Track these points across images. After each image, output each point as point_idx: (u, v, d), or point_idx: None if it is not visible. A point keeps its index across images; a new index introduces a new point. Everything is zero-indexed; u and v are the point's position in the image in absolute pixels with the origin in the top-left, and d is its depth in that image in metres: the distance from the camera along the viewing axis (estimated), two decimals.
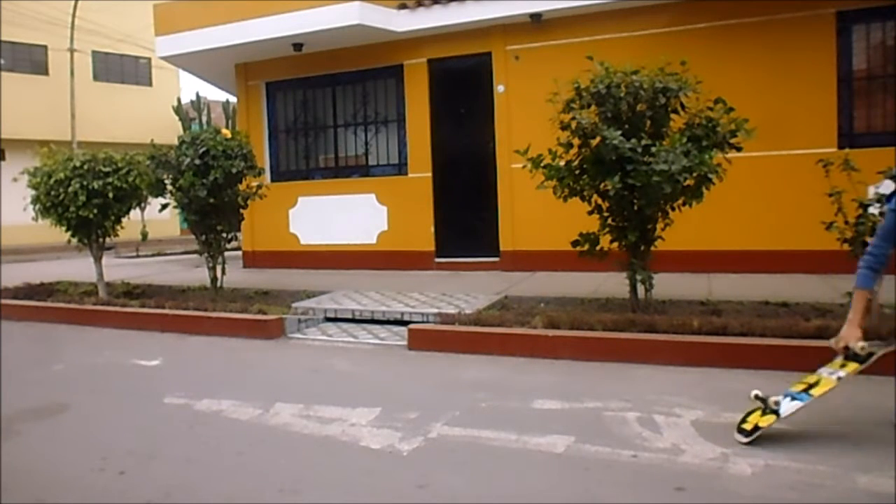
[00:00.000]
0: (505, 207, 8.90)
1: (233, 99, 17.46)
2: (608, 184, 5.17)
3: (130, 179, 7.60)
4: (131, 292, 8.14)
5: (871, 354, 3.39)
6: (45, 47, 23.31)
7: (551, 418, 3.76)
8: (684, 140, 5.15)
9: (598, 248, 5.67)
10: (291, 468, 3.25)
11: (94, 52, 24.46)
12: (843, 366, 3.48)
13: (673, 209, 5.49)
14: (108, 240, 8.18)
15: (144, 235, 17.47)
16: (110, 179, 7.53)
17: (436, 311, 6.16)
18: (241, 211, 7.67)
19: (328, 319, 6.73)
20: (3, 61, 22.06)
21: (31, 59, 23.30)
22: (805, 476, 2.91)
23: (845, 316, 4.97)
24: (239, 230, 9.99)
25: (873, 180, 4.97)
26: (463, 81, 9.31)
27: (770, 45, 7.62)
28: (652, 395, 4.07)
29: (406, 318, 6.24)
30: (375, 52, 9.61)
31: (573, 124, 5.33)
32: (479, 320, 5.62)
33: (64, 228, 7.87)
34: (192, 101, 24.75)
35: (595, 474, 3.04)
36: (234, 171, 7.16)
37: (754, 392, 3.47)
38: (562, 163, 5.53)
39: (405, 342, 5.64)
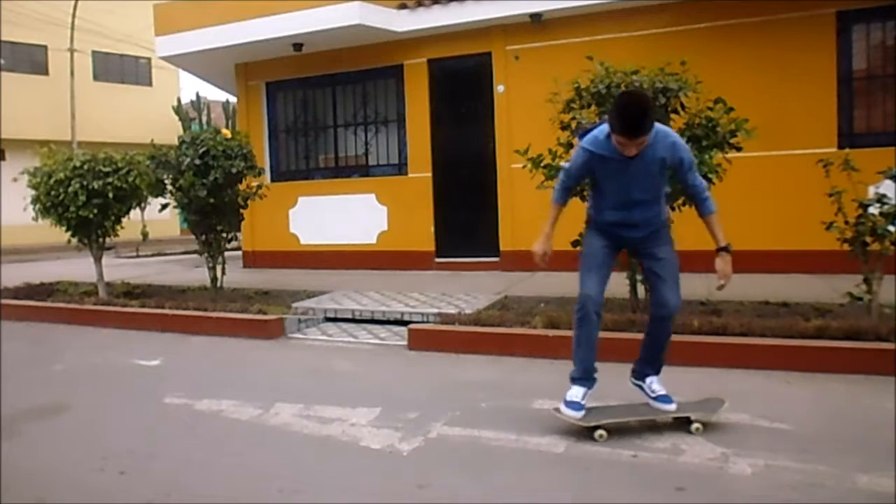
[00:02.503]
0: (505, 207, 8.90)
1: (233, 99, 17.46)
2: None
3: (130, 179, 7.60)
4: (131, 292, 8.13)
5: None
6: (45, 47, 23.32)
7: (551, 418, 3.76)
8: (684, 140, 5.14)
9: None
10: (291, 468, 3.25)
11: (94, 52, 24.46)
12: None
13: (673, 209, 5.48)
14: (108, 240, 8.18)
15: (144, 235, 17.49)
16: (110, 179, 7.52)
17: (436, 311, 6.16)
18: (241, 211, 7.67)
19: (328, 319, 6.73)
20: (3, 61, 22.07)
21: (31, 59, 23.30)
22: (805, 476, 2.91)
23: (845, 316, 5.03)
24: (239, 230, 9.98)
25: (873, 180, 4.98)
26: (463, 81, 9.31)
27: (770, 45, 7.62)
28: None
29: (406, 318, 6.24)
30: (375, 52, 9.62)
31: (573, 124, 5.33)
32: (479, 320, 5.61)
33: (64, 228, 7.87)
34: (192, 101, 24.76)
35: (595, 474, 3.04)
36: (234, 171, 7.16)
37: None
38: (562, 163, 5.53)
39: (405, 342, 5.64)
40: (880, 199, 4.83)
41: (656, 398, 3.54)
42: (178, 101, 24.58)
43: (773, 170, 7.53)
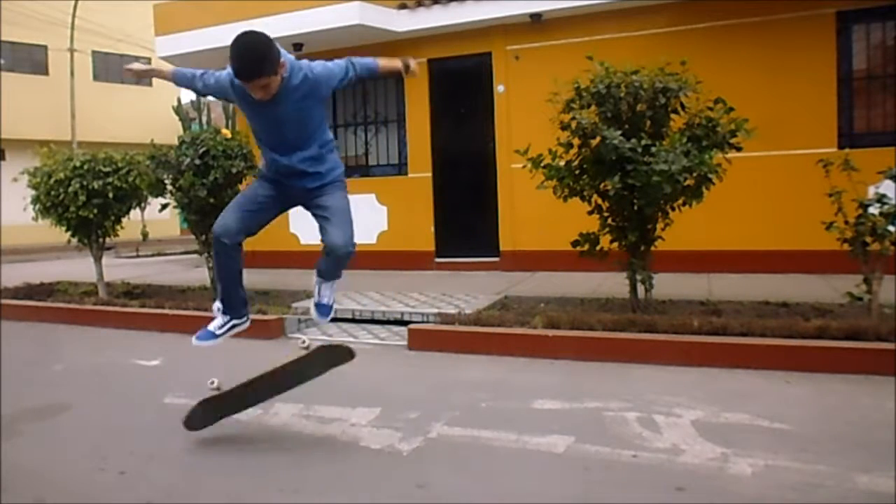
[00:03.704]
0: (505, 207, 8.90)
1: None
2: (608, 184, 5.17)
3: (130, 179, 7.60)
4: (131, 292, 8.14)
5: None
6: (45, 47, 23.32)
7: (551, 418, 3.76)
8: (684, 140, 5.15)
9: (598, 248, 5.67)
10: (291, 468, 3.25)
11: (94, 52, 24.46)
12: None
13: (673, 209, 5.49)
14: (108, 240, 8.18)
15: (144, 235, 17.46)
16: (110, 179, 7.53)
17: (436, 311, 6.16)
18: None
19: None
20: (3, 61, 22.06)
21: (31, 59, 23.30)
22: (805, 476, 2.91)
23: (845, 316, 5.04)
24: None
25: (873, 180, 4.98)
26: (463, 81, 9.31)
27: (770, 45, 7.62)
28: (652, 395, 4.07)
29: (406, 318, 6.24)
30: (375, 53, 9.51)
31: (573, 124, 5.33)
32: (479, 320, 5.62)
33: (64, 228, 7.87)
34: (192, 101, 24.72)
35: (595, 474, 3.04)
36: (234, 171, 7.16)
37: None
38: (562, 163, 5.54)
39: (405, 342, 5.64)
40: (880, 199, 4.83)
41: (317, 304, 3.62)
42: (178, 101, 24.54)
43: (773, 170, 7.53)
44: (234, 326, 3.62)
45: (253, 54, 3.05)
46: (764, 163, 7.42)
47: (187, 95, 28.67)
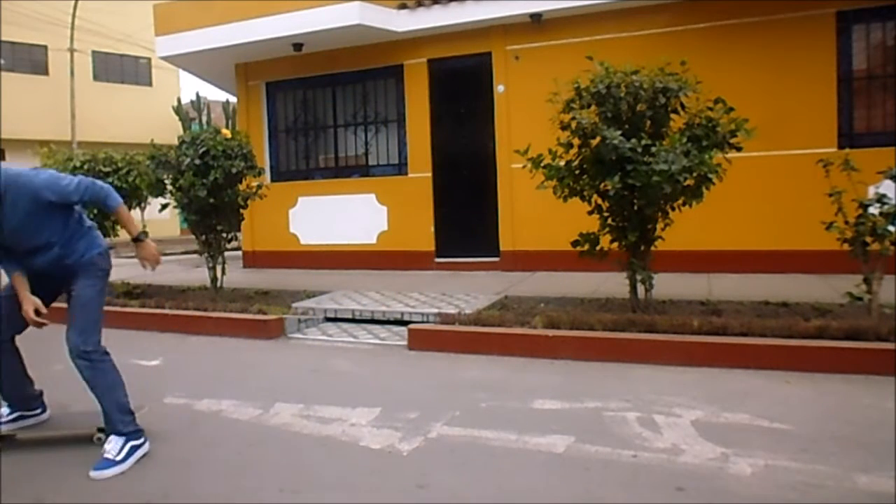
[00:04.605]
0: (505, 207, 8.90)
1: (233, 99, 17.46)
2: (608, 184, 5.18)
3: (130, 179, 7.62)
4: (131, 292, 8.13)
5: None
6: (45, 47, 23.31)
7: (551, 418, 3.76)
8: (684, 140, 5.15)
9: (598, 248, 5.67)
10: (291, 468, 3.25)
11: (94, 52, 24.46)
12: None
13: (673, 209, 5.49)
14: (108, 240, 8.17)
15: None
16: (110, 179, 7.55)
17: (436, 311, 6.16)
18: (241, 211, 7.68)
19: (328, 319, 6.73)
20: (3, 61, 22.07)
21: (31, 59, 23.30)
22: (805, 476, 2.91)
23: (845, 316, 5.03)
24: (239, 230, 9.99)
25: (873, 180, 4.98)
26: (463, 81, 9.31)
27: (770, 45, 7.62)
28: (652, 395, 4.07)
29: (406, 318, 6.24)
30: (375, 52, 9.62)
31: (573, 124, 5.33)
32: (479, 320, 5.62)
33: None
34: (192, 101, 24.76)
35: (595, 474, 3.04)
36: (234, 171, 7.16)
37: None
38: (562, 163, 5.54)
39: (405, 342, 5.64)
40: (880, 199, 4.84)
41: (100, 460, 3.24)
42: (178, 101, 24.58)
43: (773, 170, 7.54)
44: (26, 418, 3.67)
45: None
46: (764, 163, 7.43)
47: (187, 95, 28.73)
